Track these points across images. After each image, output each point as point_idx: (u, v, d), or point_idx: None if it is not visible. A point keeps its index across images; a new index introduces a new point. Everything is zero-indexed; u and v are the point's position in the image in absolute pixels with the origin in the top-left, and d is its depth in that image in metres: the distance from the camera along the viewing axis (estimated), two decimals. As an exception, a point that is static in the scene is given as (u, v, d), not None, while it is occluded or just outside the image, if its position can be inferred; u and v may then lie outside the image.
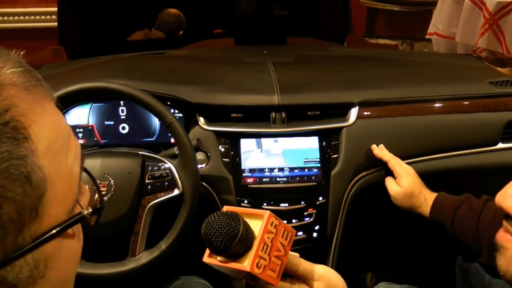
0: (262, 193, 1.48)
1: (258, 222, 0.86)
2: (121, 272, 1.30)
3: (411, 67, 1.94)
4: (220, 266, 0.87)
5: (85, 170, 0.61)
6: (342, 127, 1.52)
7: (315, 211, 1.48)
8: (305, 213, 1.47)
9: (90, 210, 0.58)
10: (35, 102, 0.51)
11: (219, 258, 0.88)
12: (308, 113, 1.53)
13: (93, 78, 1.36)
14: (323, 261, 1.49)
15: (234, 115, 1.51)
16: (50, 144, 0.51)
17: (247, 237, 0.84)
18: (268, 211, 0.86)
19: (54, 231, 0.52)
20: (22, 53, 0.53)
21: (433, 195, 1.40)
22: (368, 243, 2.02)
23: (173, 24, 3.23)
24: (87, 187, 0.62)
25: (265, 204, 1.47)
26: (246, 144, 1.50)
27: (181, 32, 3.19)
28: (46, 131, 0.51)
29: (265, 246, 0.84)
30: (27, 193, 0.48)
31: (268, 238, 0.85)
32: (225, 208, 0.90)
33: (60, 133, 0.54)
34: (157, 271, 1.43)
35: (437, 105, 1.58)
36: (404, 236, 1.99)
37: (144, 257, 1.32)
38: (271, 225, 0.85)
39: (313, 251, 1.04)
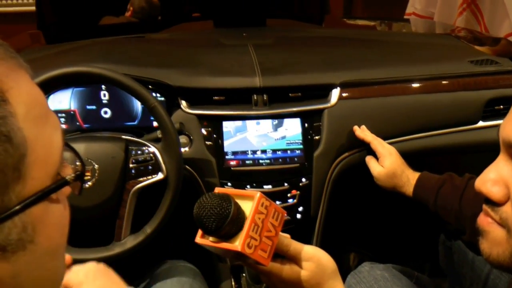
0: (245, 175, 1.48)
1: (249, 203, 0.87)
2: (106, 256, 1.29)
3: (392, 48, 1.94)
4: (212, 246, 0.88)
5: (67, 144, 0.63)
6: (324, 109, 1.52)
7: (298, 192, 1.48)
8: (289, 195, 1.48)
9: (73, 175, 0.60)
10: (10, 70, 0.53)
11: (211, 238, 0.89)
12: (290, 94, 1.53)
13: (73, 63, 1.34)
14: (307, 243, 1.49)
15: (216, 98, 1.51)
16: (29, 109, 0.53)
17: (238, 218, 0.85)
18: (259, 192, 0.87)
19: (39, 194, 0.54)
20: None
21: (416, 175, 1.41)
22: (351, 224, 2.04)
23: (148, 8, 3.16)
24: (70, 167, 0.63)
25: (248, 186, 1.47)
26: (229, 127, 1.50)
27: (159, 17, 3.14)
28: (23, 96, 0.53)
29: (256, 227, 0.85)
30: (8, 152, 0.49)
31: (259, 218, 0.86)
32: (217, 190, 0.91)
33: (38, 102, 0.55)
34: (144, 256, 1.43)
35: (418, 85, 1.59)
36: (387, 216, 2.00)
37: (129, 242, 1.31)
38: (262, 206, 0.86)
39: (297, 232, 1.04)
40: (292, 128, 1.52)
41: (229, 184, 1.46)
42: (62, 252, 0.63)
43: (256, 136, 1.51)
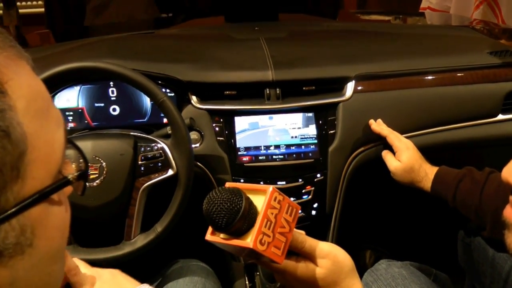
0: (258, 171, 1.45)
1: (262, 197, 0.83)
2: (116, 256, 1.26)
3: (408, 40, 1.91)
4: (223, 244, 0.85)
5: (70, 141, 0.59)
6: (338, 102, 1.49)
7: (313, 188, 1.45)
8: (303, 191, 1.45)
9: (76, 174, 0.57)
10: (9, 60, 0.49)
11: (221, 235, 0.85)
12: (304, 88, 1.49)
13: (80, 59, 1.31)
14: (323, 240, 1.47)
15: (228, 92, 1.48)
16: (29, 103, 0.49)
17: (250, 213, 0.81)
18: (272, 186, 0.83)
19: (38, 194, 0.50)
20: None
21: (434, 169, 1.37)
22: (367, 220, 2.00)
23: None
24: (73, 165, 0.60)
25: (261, 183, 1.44)
26: (241, 122, 1.47)
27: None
28: (24, 89, 0.49)
29: (269, 222, 0.81)
30: (6, 149, 0.46)
31: (272, 214, 0.82)
32: (228, 184, 0.87)
33: (39, 95, 0.52)
34: (155, 255, 1.40)
35: (435, 77, 1.55)
36: (404, 212, 1.97)
37: (139, 241, 1.28)
38: (275, 200, 0.83)
39: (312, 229, 1.01)
40: (306, 123, 1.49)
41: (241, 180, 1.44)
42: (61, 255, 0.60)
43: (269, 131, 1.48)
